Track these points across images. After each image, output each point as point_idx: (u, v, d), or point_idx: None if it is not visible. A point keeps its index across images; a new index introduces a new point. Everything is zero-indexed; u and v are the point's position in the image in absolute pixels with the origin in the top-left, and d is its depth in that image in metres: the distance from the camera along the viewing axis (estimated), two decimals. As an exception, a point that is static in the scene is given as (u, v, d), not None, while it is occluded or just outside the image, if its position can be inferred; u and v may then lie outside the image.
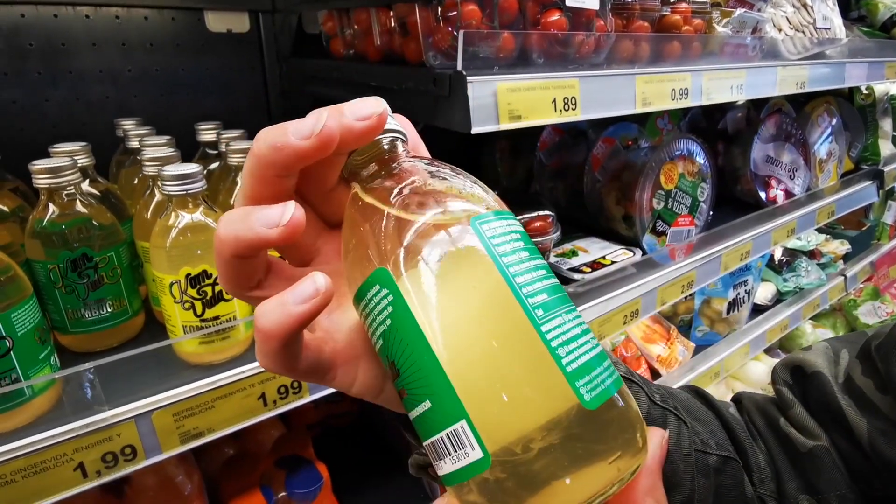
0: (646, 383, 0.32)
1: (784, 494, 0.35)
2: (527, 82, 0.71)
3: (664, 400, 0.33)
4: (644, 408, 0.31)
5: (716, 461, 0.33)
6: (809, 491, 0.35)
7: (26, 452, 0.49)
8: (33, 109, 0.94)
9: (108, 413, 0.53)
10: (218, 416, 0.59)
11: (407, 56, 0.79)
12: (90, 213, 0.59)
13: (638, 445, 0.20)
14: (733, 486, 0.34)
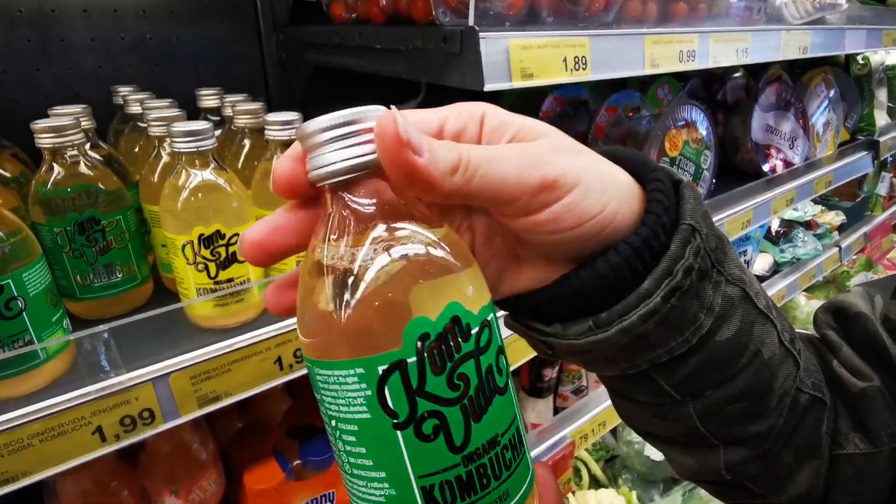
0: (780, 320, 0.31)
1: (837, 432, 0.35)
2: (539, 40, 0.69)
3: (791, 341, 0.32)
4: (773, 347, 0.30)
5: (807, 400, 0.33)
6: (861, 429, 0.35)
7: (44, 415, 0.48)
8: (25, 79, 0.90)
9: (126, 376, 0.52)
10: (235, 380, 0.58)
11: (414, 16, 0.76)
12: (96, 175, 0.58)
13: None
14: (814, 426, 0.34)
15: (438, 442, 0.21)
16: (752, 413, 0.30)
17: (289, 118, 0.59)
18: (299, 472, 0.76)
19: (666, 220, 0.25)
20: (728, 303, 0.27)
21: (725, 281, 0.27)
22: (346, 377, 0.21)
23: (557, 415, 1.16)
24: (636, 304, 0.24)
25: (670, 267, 0.24)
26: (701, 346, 0.27)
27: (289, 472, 0.75)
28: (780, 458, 0.33)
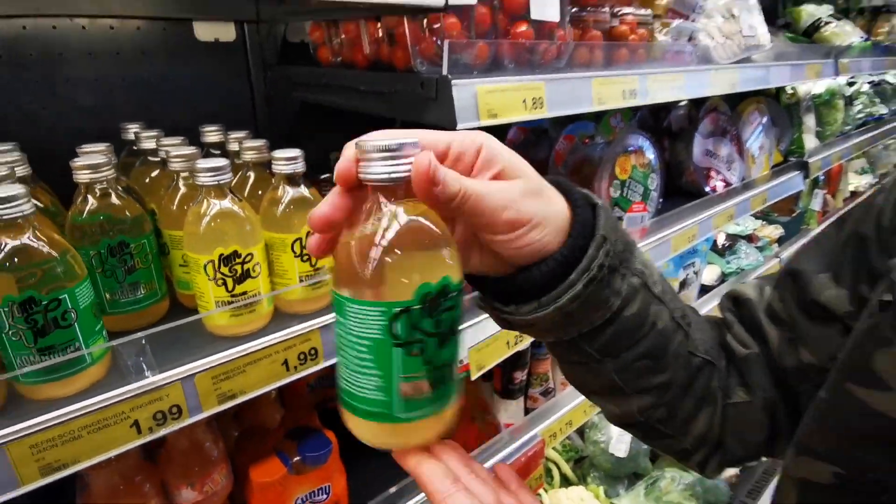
0: (672, 302, 0.44)
1: (727, 387, 0.48)
2: (501, 85, 0.82)
3: (682, 317, 0.45)
4: (666, 321, 0.43)
5: (699, 361, 0.46)
6: (743, 385, 0.48)
7: (91, 410, 0.56)
8: (33, 115, 0.98)
9: (159, 377, 0.60)
10: (248, 380, 0.67)
11: (395, 63, 0.89)
12: (123, 205, 0.67)
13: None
14: (706, 381, 0.46)
15: (417, 357, 0.34)
16: (653, 368, 0.42)
17: (292, 155, 0.69)
18: (299, 467, 0.85)
19: (583, 235, 0.37)
20: (632, 289, 0.39)
21: (630, 273, 0.39)
22: (371, 311, 0.33)
23: (528, 415, 1.27)
24: (565, 290, 0.36)
25: (588, 265, 0.36)
26: (613, 320, 0.39)
27: (290, 467, 0.84)
28: (681, 406, 0.45)
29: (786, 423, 0.48)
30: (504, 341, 1.01)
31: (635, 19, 1.09)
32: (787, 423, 0.48)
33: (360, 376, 0.34)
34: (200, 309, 0.68)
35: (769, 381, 0.48)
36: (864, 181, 3.11)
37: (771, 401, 0.47)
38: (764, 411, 0.47)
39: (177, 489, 0.74)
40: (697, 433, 0.47)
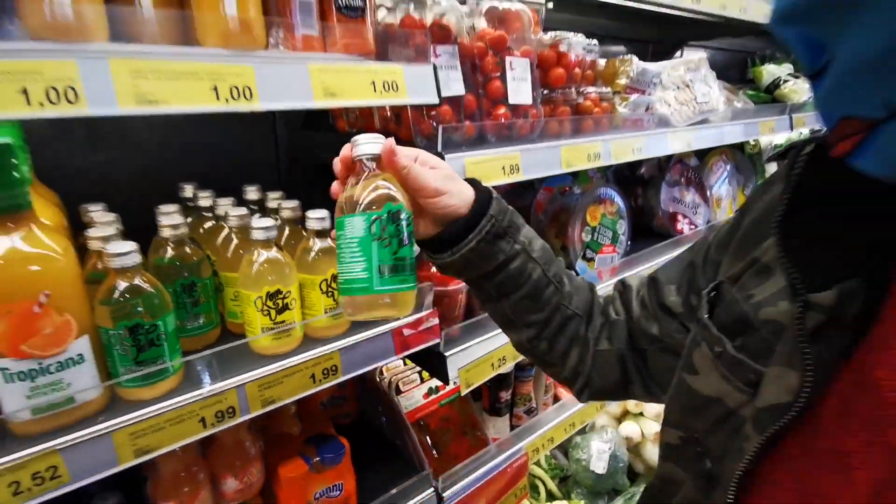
0: (547, 265, 0.67)
1: (599, 337, 0.71)
2: (484, 157, 1.04)
3: (555, 275, 0.68)
4: (539, 276, 0.67)
5: (570, 313, 0.69)
6: (608, 338, 0.71)
7: (173, 408, 0.76)
8: (104, 174, 1.20)
9: (219, 384, 0.80)
10: (285, 389, 0.87)
11: (400, 137, 1.11)
12: (192, 252, 0.87)
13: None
14: (575, 328, 0.70)
15: (388, 249, 0.56)
16: (532, 308, 0.66)
17: (321, 215, 0.90)
18: (318, 466, 1.03)
19: (479, 212, 0.61)
20: (514, 252, 0.63)
21: (514, 242, 0.63)
22: (359, 219, 0.56)
23: (513, 430, 1.45)
24: (466, 244, 0.60)
25: (479, 230, 0.60)
26: (500, 269, 0.63)
27: (311, 466, 1.02)
28: (557, 343, 0.68)
29: (633, 374, 0.70)
30: (489, 364, 1.20)
31: (598, 96, 1.33)
32: (634, 374, 0.70)
33: (353, 265, 0.57)
34: (248, 334, 0.88)
35: (626, 341, 0.70)
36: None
37: (623, 354, 0.70)
38: (618, 360, 0.70)
39: (223, 479, 0.92)
40: (571, 366, 0.70)
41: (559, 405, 1.58)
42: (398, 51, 0.89)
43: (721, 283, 0.53)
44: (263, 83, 0.73)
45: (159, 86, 0.64)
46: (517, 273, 0.64)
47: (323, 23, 0.80)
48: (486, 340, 1.19)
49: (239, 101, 0.71)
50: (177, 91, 0.66)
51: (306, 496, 1.02)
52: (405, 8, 1.04)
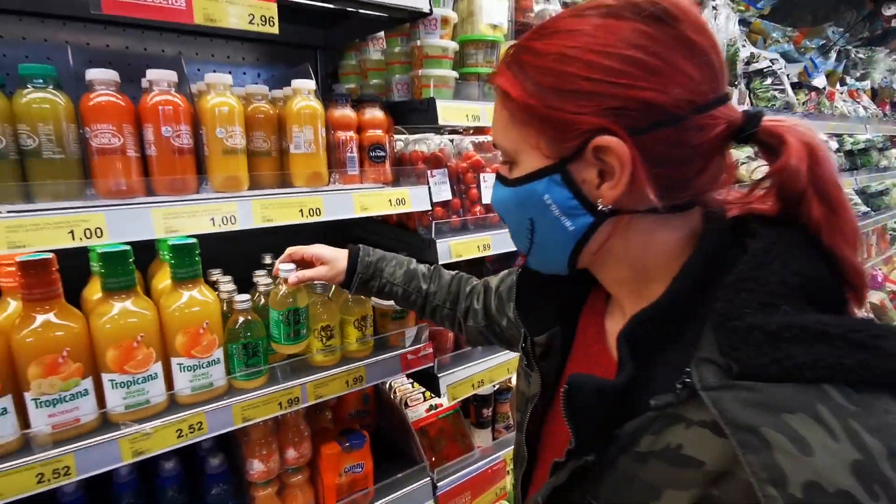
0: (408, 285, 1.24)
1: (466, 317, 1.20)
2: (464, 240, 1.56)
3: (417, 290, 1.23)
4: (400, 293, 1.24)
5: (438, 304, 1.23)
6: (471, 319, 1.19)
7: (263, 395, 1.27)
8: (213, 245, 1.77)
9: (290, 383, 1.31)
10: (329, 388, 1.37)
11: (409, 226, 1.64)
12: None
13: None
14: (446, 314, 1.23)
15: (290, 325, 1.04)
16: (408, 305, 1.24)
17: (356, 278, 1.43)
18: (347, 449, 1.51)
19: (352, 269, 1.18)
20: (383, 284, 1.21)
21: (380, 280, 1.20)
22: (276, 312, 1.07)
23: (494, 441, 1.89)
24: (353, 287, 1.18)
25: (354, 283, 1.20)
26: (379, 292, 1.22)
27: (343, 447, 1.50)
28: (435, 319, 1.25)
29: (493, 339, 1.18)
30: (469, 384, 1.67)
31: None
32: (494, 339, 1.17)
33: (275, 330, 1.14)
34: (308, 353, 1.40)
35: (483, 321, 1.17)
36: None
37: (481, 330, 1.17)
38: (479, 333, 1.18)
39: (286, 449, 1.41)
40: (454, 330, 1.22)
41: (534, 425, 2.02)
42: (406, 178, 1.44)
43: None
44: (327, 206, 1.28)
45: (273, 212, 1.20)
46: (389, 293, 1.22)
47: (361, 167, 1.35)
48: (468, 367, 1.67)
49: (313, 217, 1.26)
50: (282, 213, 1.22)
51: (339, 469, 1.49)
52: (414, 143, 1.60)
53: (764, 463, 0.46)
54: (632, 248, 0.63)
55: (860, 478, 0.43)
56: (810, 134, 0.56)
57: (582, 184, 0.61)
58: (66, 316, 1.04)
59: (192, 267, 1.17)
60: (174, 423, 1.15)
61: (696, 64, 0.55)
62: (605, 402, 0.61)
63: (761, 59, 2.61)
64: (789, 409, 0.47)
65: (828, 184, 0.54)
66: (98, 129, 1.02)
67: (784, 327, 0.49)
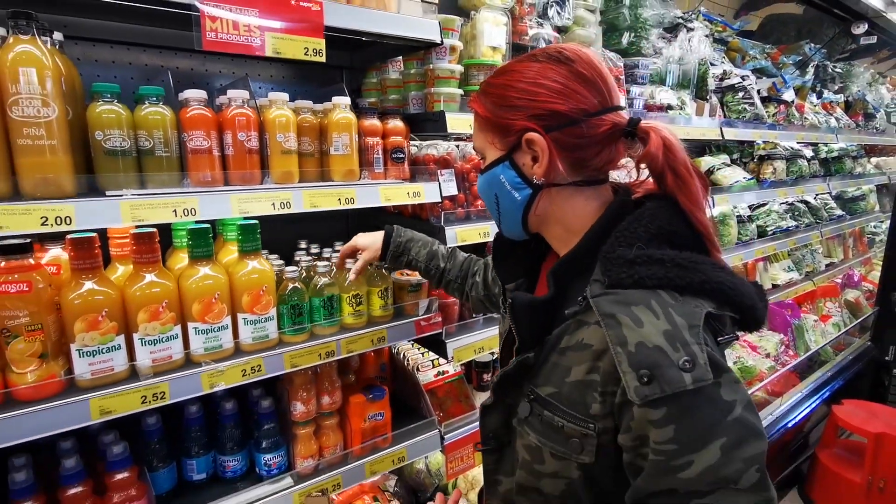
0: (429, 263, 1.57)
1: (471, 288, 1.52)
2: (467, 228, 1.88)
3: (437, 267, 1.56)
4: (423, 269, 1.56)
5: (453, 278, 1.54)
6: (473, 290, 1.51)
7: (308, 347, 1.59)
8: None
9: (327, 339, 1.63)
10: (358, 345, 1.69)
11: (422, 216, 1.97)
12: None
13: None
14: (458, 286, 1.55)
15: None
16: (429, 277, 1.56)
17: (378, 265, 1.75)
18: (370, 399, 1.82)
19: (387, 245, 1.51)
20: (408, 260, 1.53)
21: (408, 256, 1.53)
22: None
23: (493, 403, 2.20)
24: (385, 258, 1.50)
25: (387, 257, 1.51)
26: (408, 265, 1.53)
27: (367, 398, 1.81)
28: (449, 290, 1.56)
29: (491, 309, 1.49)
30: (472, 349, 1.99)
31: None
32: (492, 308, 1.48)
33: (316, 314, 1.46)
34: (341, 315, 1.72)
35: (482, 293, 1.48)
36: (790, 276, 3.98)
37: (481, 299, 1.48)
38: (480, 302, 1.50)
39: (322, 395, 1.73)
40: (463, 300, 1.55)
41: (527, 392, 2.33)
42: (421, 176, 1.77)
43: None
44: (359, 196, 1.60)
45: (318, 199, 1.53)
46: (414, 267, 1.54)
47: (385, 166, 1.69)
48: (470, 336, 1.98)
49: (348, 205, 1.59)
50: (324, 202, 1.54)
51: (364, 415, 1.81)
52: (426, 147, 1.93)
53: (616, 334, 0.78)
54: (559, 212, 0.95)
55: (668, 339, 0.75)
56: (667, 132, 0.88)
57: (522, 166, 0.92)
58: (164, 276, 1.37)
59: (255, 242, 1.50)
60: (240, 365, 1.47)
61: (586, 87, 0.88)
62: (535, 312, 0.92)
63: (733, 76, 2.94)
64: (634, 303, 0.79)
65: (678, 163, 0.86)
66: (193, 135, 1.35)
67: (638, 256, 0.82)
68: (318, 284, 1.64)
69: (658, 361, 0.74)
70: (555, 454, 0.88)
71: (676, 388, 0.73)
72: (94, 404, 1.27)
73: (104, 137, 1.26)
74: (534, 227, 0.99)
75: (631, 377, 0.75)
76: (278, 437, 1.70)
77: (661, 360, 0.74)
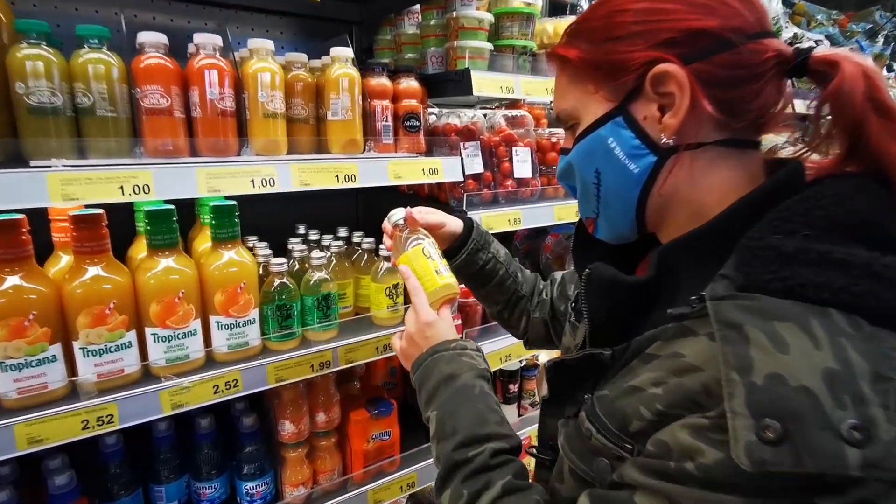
0: (509, 266, 1.18)
1: (535, 308, 1.17)
2: (495, 213, 1.56)
3: (514, 274, 1.18)
4: (504, 275, 1.16)
5: (522, 297, 1.18)
6: (539, 310, 1.17)
7: (295, 357, 1.30)
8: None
9: (322, 346, 1.34)
10: (359, 354, 1.40)
11: (440, 199, 1.65)
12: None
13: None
14: (524, 306, 1.19)
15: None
16: (499, 292, 1.16)
17: (387, 254, 1.45)
18: (375, 416, 1.54)
19: (466, 237, 1.12)
20: (488, 258, 1.13)
21: (487, 253, 1.13)
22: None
23: (520, 417, 1.90)
24: (462, 255, 1.11)
25: (464, 250, 1.11)
26: (482, 269, 1.13)
27: (371, 415, 1.53)
28: (513, 314, 1.18)
29: (553, 334, 1.15)
30: (497, 358, 1.68)
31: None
32: (553, 331, 1.15)
33: (308, 316, 1.07)
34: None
35: (548, 312, 1.16)
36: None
37: (546, 320, 1.15)
38: (542, 323, 1.16)
39: (316, 412, 1.44)
40: (522, 327, 1.18)
41: (559, 404, 2.02)
42: (439, 149, 1.45)
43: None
44: (362, 172, 1.29)
45: (310, 176, 1.22)
46: (491, 270, 1.13)
47: (395, 136, 1.37)
48: (496, 341, 1.68)
49: (348, 183, 1.28)
50: (318, 178, 1.24)
51: (367, 435, 1.52)
52: (447, 115, 1.61)
53: (736, 353, 0.46)
54: (691, 190, 0.63)
55: (829, 383, 0.43)
56: (866, 62, 0.55)
57: (644, 121, 0.62)
58: (114, 270, 1.09)
59: (231, 228, 1.20)
60: (211, 379, 1.19)
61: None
62: (618, 293, 0.65)
63: (804, 40, 2.52)
64: (781, 317, 0.47)
65: (885, 101, 0.53)
66: (148, 90, 1.05)
67: (801, 250, 0.49)
68: (313, 280, 1.34)
69: (801, 412, 0.43)
70: (574, 471, 0.65)
71: (826, 466, 0.41)
72: (19, 431, 1.00)
73: (27, 91, 0.97)
74: (651, 217, 0.67)
75: (744, 424, 0.44)
76: (264, 461, 1.42)
77: (807, 410, 0.43)
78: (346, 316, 1.46)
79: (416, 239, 1.01)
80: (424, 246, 0.98)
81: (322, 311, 1.36)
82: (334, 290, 1.39)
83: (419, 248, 0.98)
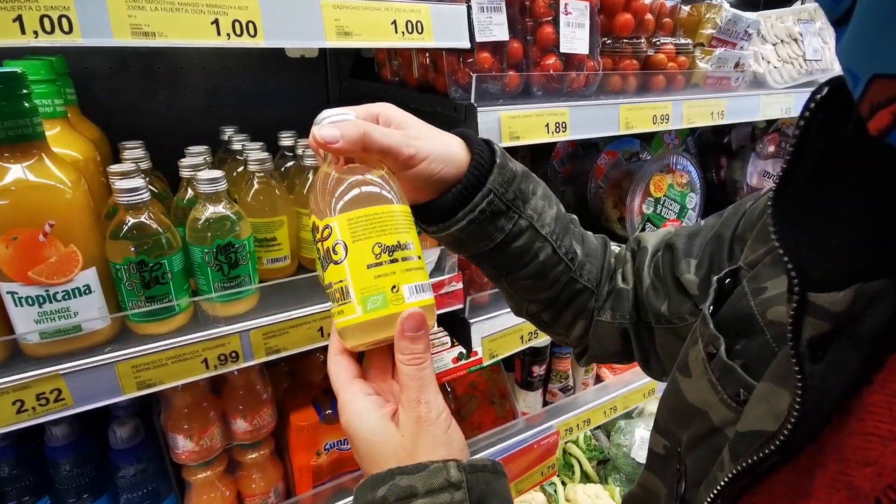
0: (559, 240, 0.56)
1: (602, 307, 0.61)
2: (525, 111, 0.94)
3: (566, 253, 0.56)
4: (548, 255, 0.55)
5: (580, 286, 0.59)
6: (611, 308, 0.60)
7: (176, 346, 0.77)
8: (157, 116, 1.24)
9: (225, 328, 0.80)
10: (290, 340, 0.86)
11: (437, 87, 1.03)
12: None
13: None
14: (584, 301, 0.60)
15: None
16: (536, 287, 0.57)
17: (340, 164, 0.86)
18: (329, 418, 1.03)
19: (476, 177, 0.49)
20: (519, 229, 0.52)
21: (520, 217, 0.51)
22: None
23: (545, 407, 1.38)
24: (455, 222, 0.49)
25: (472, 209, 0.49)
26: (499, 249, 0.52)
27: (322, 417, 1.02)
28: (563, 315, 0.60)
29: (635, 348, 0.61)
30: (518, 336, 1.13)
31: (674, 48, 1.16)
32: (637, 349, 0.61)
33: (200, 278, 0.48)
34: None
35: (630, 314, 0.60)
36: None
37: (625, 327, 0.60)
38: (618, 332, 0.60)
39: (233, 419, 0.94)
40: (576, 335, 0.63)
41: (601, 386, 1.49)
42: (429, -13, 0.80)
43: (738, 269, 0.42)
44: (269, 18, 0.68)
45: (156, 17, 0.62)
46: (520, 252, 0.53)
47: (341, -48, 0.73)
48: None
49: (242, 38, 0.68)
50: (177, 23, 0.63)
51: (316, 445, 1.03)
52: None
53: None
54: None
55: None
56: None
57: None
58: None
59: (19, 119, 0.63)
60: (9, 391, 0.68)
61: None
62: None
63: None
64: None
65: None
66: None
67: None
68: (202, 218, 0.78)
69: None
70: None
71: None
72: None
73: None
74: None
75: None
76: (157, 485, 0.95)
77: None
78: (277, 275, 0.91)
79: (358, 191, 0.42)
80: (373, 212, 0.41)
81: (222, 270, 0.81)
82: (247, 233, 0.83)
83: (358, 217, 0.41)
